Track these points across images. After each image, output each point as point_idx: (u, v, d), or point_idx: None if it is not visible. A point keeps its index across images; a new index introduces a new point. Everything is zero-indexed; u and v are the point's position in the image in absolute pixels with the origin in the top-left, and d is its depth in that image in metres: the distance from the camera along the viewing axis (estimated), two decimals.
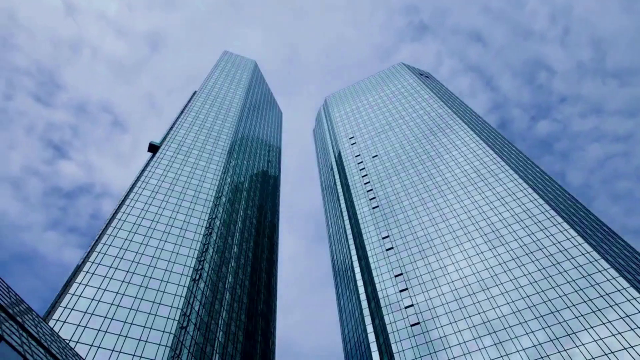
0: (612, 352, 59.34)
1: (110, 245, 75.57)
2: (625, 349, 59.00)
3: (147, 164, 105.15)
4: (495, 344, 68.23)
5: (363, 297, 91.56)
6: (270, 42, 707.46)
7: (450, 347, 71.16)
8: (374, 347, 79.41)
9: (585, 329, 63.67)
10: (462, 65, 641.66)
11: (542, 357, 63.19)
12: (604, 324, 63.23)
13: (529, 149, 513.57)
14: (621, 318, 62.77)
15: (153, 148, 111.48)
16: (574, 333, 63.91)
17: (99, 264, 71.16)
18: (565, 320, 66.26)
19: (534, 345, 65.15)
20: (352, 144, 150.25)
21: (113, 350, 58.77)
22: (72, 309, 61.86)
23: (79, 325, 60.05)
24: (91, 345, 57.95)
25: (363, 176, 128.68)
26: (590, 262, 72.66)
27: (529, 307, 70.82)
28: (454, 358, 69.34)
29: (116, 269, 71.62)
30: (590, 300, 67.18)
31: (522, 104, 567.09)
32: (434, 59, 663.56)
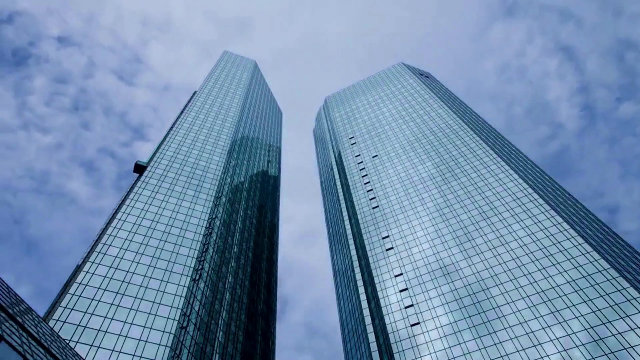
0: (612, 352, 59.34)
1: (110, 245, 75.57)
2: (625, 349, 59.00)
3: (147, 164, 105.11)
4: (495, 344, 68.25)
5: (363, 297, 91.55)
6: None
7: (450, 347, 71.17)
8: (374, 347, 79.41)
9: (586, 329, 63.67)
10: (553, 44, 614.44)
11: (542, 357, 63.20)
12: (604, 324, 63.23)
13: (611, 131, 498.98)
14: (621, 318, 62.78)
15: (139, 169, 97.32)
16: (574, 333, 63.91)
17: (99, 264, 71.15)
18: (565, 320, 66.26)
19: (534, 346, 65.15)
20: (352, 144, 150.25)
21: (113, 350, 58.77)
22: (72, 309, 61.85)
23: (79, 325, 60.05)
24: (91, 345, 57.95)
25: (363, 176, 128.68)
26: (590, 262, 72.67)
27: (529, 307, 70.81)
28: (454, 358, 69.34)
29: (116, 269, 71.62)
30: (590, 300, 67.18)
31: (608, 85, 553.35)
32: (525, 36, 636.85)
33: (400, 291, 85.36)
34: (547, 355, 63.03)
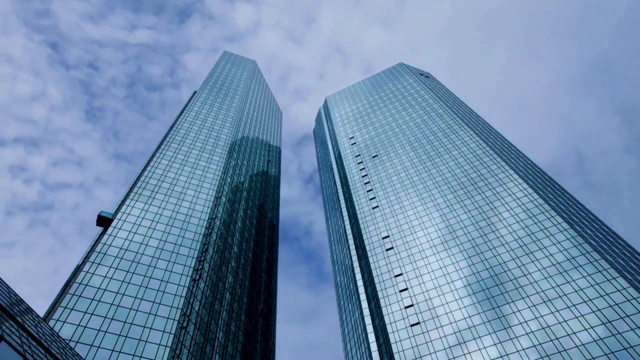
0: (612, 352, 59.35)
1: (110, 245, 75.57)
2: (625, 349, 59.01)
3: (147, 165, 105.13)
4: (495, 344, 68.25)
5: (363, 297, 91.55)
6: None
7: (450, 347, 71.17)
8: (374, 347, 79.41)
9: (586, 329, 63.68)
10: None
11: (542, 357, 63.20)
12: (604, 324, 63.24)
13: None
14: (621, 318, 62.78)
15: (103, 221, 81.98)
16: (574, 333, 63.92)
17: (99, 264, 71.16)
18: (565, 320, 66.27)
19: (534, 345, 65.17)
20: (352, 144, 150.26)
21: (113, 350, 58.78)
22: (72, 309, 61.86)
23: (79, 325, 60.05)
24: (91, 345, 57.95)
25: (363, 176, 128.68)
26: (591, 262, 72.65)
27: (529, 308, 70.81)
28: (454, 358, 69.34)
29: (116, 269, 71.62)
30: (591, 300, 67.18)
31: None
32: None
33: (400, 291, 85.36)
34: (547, 355, 63.05)
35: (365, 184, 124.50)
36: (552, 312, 68.35)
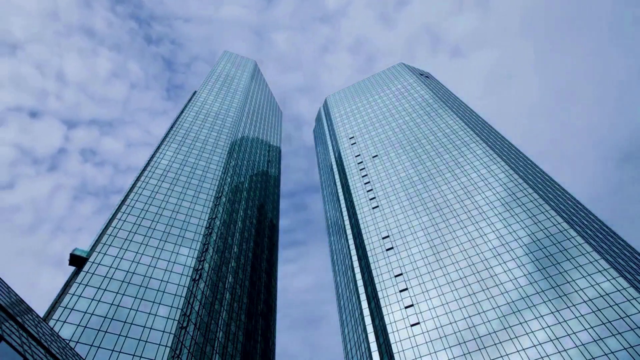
0: (612, 352, 59.36)
1: (110, 245, 75.58)
2: (625, 349, 59.01)
3: (147, 165, 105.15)
4: (495, 344, 68.25)
5: (363, 297, 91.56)
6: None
7: (450, 347, 71.18)
8: (374, 347, 79.42)
9: (586, 329, 63.68)
10: None
11: (542, 357, 63.20)
12: (603, 324, 63.24)
13: None
14: (621, 318, 62.78)
15: (77, 261, 71.74)
16: (574, 333, 63.92)
17: (99, 263, 71.15)
18: (565, 320, 66.27)
19: (534, 345, 65.17)
20: (352, 144, 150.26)
21: (113, 350, 58.78)
22: (72, 309, 61.86)
23: (79, 325, 60.06)
24: (91, 345, 57.96)
25: (363, 176, 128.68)
26: (590, 262, 72.66)
27: (529, 307, 70.82)
28: (454, 358, 69.35)
29: (116, 268, 71.62)
30: (590, 300, 67.18)
31: None
32: None
33: (400, 291, 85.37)
34: (547, 355, 63.04)
35: (365, 184, 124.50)
36: (551, 312, 68.34)
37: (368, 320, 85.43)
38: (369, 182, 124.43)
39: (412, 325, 77.63)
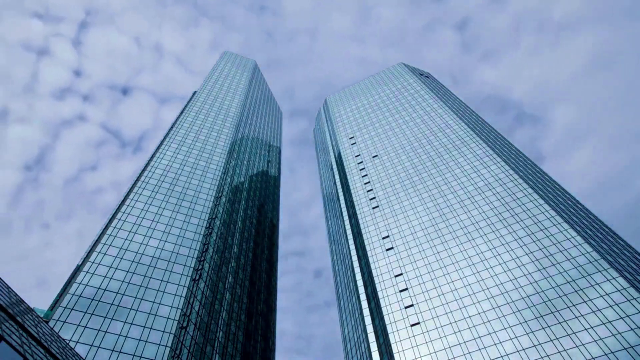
0: (612, 352, 59.34)
1: (110, 245, 75.59)
2: (625, 349, 59.01)
3: (147, 165, 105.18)
4: (495, 344, 68.25)
5: (363, 297, 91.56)
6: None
7: (450, 347, 71.18)
8: (374, 347, 79.41)
9: (585, 329, 63.68)
10: None
11: (542, 357, 63.20)
12: (604, 324, 63.24)
13: None
14: (621, 318, 62.78)
15: None
16: (574, 333, 63.92)
17: (99, 264, 71.18)
18: (565, 320, 66.26)
19: (534, 345, 65.17)
20: (352, 144, 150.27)
21: (113, 350, 58.78)
22: (72, 309, 61.87)
23: (79, 325, 60.06)
24: (91, 345, 57.96)
25: (363, 176, 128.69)
26: (590, 262, 72.67)
27: (529, 307, 70.83)
28: (454, 358, 69.34)
29: (116, 269, 71.64)
30: (590, 300, 67.18)
31: None
32: None
33: (400, 291, 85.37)
34: (547, 355, 63.04)
35: (365, 184, 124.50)
36: (551, 312, 68.34)
37: (368, 320, 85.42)
38: (369, 182, 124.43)
39: (412, 325, 77.62)
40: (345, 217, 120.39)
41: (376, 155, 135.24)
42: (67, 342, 55.81)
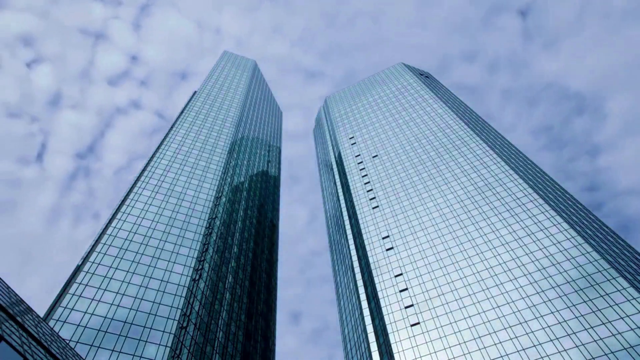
0: (612, 352, 59.34)
1: (110, 245, 75.58)
2: (625, 349, 59.00)
3: (147, 164, 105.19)
4: (495, 344, 68.24)
5: (363, 297, 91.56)
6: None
7: (450, 347, 71.17)
8: (374, 347, 79.41)
9: (585, 329, 63.68)
10: None
11: (542, 357, 63.19)
12: (604, 324, 63.24)
13: None
14: (621, 318, 62.78)
15: None
16: (574, 333, 63.91)
17: (99, 264, 71.17)
18: (565, 320, 66.26)
19: (534, 345, 65.16)
20: (352, 144, 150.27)
21: (113, 350, 58.78)
22: (72, 309, 61.86)
23: (79, 325, 60.05)
24: (91, 345, 57.95)
25: (363, 176, 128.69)
26: (590, 262, 72.67)
27: (529, 307, 70.82)
28: (454, 358, 69.33)
29: (116, 269, 71.63)
30: (590, 300, 67.18)
31: None
32: None
33: (400, 291, 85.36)
34: (547, 355, 63.03)
35: (365, 184, 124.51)
36: (552, 312, 68.33)
37: (368, 320, 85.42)
38: (369, 182, 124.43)
39: (412, 325, 77.62)
40: (345, 217, 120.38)
41: (376, 155, 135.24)
42: (67, 342, 55.79)
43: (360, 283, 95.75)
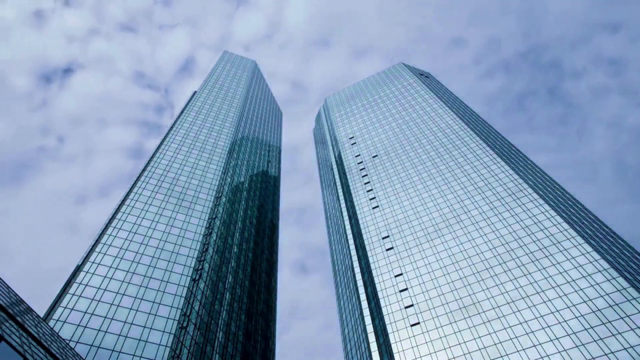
0: (612, 352, 59.34)
1: (110, 245, 75.58)
2: (625, 349, 59.01)
3: (147, 165, 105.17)
4: (495, 344, 68.25)
5: (363, 297, 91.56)
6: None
7: (450, 347, 71.17)
8: (374, 347, 79.42)
9: (585, 329, 63.68)
10: None
11: (542, 357, 63.19)
12: (604, 324, 63.24)
13: None
14: (621, 318, 62.79)
15: None
16: (574, 333, 63.91)
17: (99, 264, 71.17)
18: (565, 320, 66.26)
19: (534, 346, 65.16)
20: (352, 144, 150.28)
21: (113, 350, 58.78)
22: (72, 309, 61.87)
23: (79, 325, 60.06)
24: (91, 345, 57.96)
25: (363, 176, 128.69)
26: (590, 262, 72.67)
27: (529, 307, 70.82)
28: (454, 358, 69.33)
29: (116, 269, 71.63)
30: (590, 300, 67.18)
31: None
32: None
33: (400, 291, 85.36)
34: (547, 355, 63.04)
35: (365, 184, 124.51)
36: (552, 312, 68.34)
37: (368, 320, 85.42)
38: (369, 182, 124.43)
39: (412, 325, 77.62)
40: (345, 217, 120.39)
41: (376, 155, 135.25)
42: (67, 342, 55.80)
43: (360, 283, 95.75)
